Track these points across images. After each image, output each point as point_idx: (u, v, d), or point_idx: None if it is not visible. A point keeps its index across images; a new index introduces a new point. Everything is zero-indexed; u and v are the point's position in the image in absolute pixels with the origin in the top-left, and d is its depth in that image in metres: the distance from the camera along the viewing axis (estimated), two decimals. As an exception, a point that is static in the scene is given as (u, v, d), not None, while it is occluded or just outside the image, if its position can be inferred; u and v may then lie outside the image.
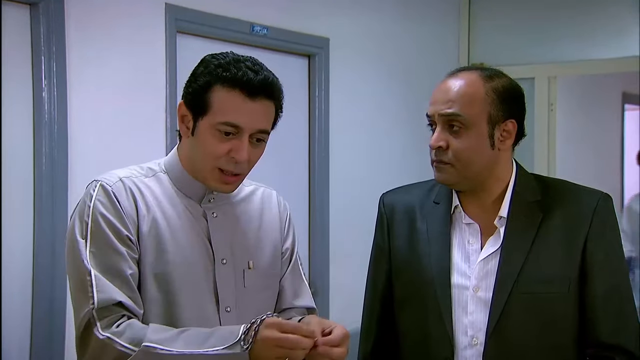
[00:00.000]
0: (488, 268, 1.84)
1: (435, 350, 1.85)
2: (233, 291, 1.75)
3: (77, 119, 2.90)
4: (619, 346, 1.82)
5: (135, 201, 1.70)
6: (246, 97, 1.67)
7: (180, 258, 1.70)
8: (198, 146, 1.71)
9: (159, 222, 1.71)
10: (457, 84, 1.83)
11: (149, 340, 1.56)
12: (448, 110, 1.81)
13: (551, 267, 1.82)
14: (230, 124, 1.66)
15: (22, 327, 2.81)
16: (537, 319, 1.81)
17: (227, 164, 1.69)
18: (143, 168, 1.80)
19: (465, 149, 1.81)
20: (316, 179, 3.99)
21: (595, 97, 5.99)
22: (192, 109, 1.71)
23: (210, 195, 1.78)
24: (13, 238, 2.75)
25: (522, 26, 4.88)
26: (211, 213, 1.77)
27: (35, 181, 2.82)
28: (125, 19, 3.09)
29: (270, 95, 1.71)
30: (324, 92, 3.99)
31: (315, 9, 3.97)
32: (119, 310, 1.61)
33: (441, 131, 1.82)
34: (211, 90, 1.67)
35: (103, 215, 1.66)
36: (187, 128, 1.73)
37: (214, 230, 1.76)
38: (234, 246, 1.78)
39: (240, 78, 1.66)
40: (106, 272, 1.62)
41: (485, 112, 1.82)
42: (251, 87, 1.66)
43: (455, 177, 1.84)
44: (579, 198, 1.88)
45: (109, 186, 1.69)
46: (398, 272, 1.95)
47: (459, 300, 1.84)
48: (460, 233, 1.89)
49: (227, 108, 1.66)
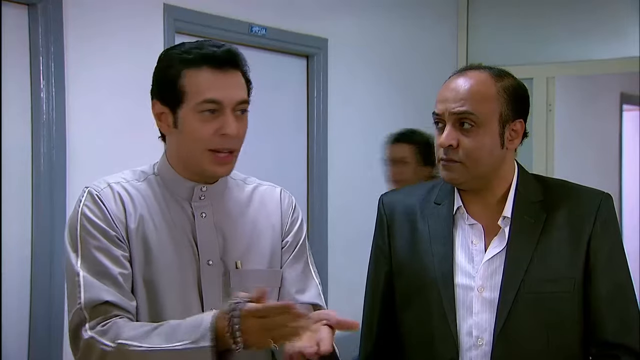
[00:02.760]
0: (493, 268, 1.83)
1: (440, 351, 1.84)
2: (219, 293, 1.73)
3: (75, 119, 2.90)
4: (624, 345, 1.82)
5: (124, 204, 1.70)
6: (215, 71, 1.67)
7: (166, 261, 1.70)
8: (184, 135, 1.70)
9: (146, 226, 1.70)
10: (468, 82, 1.82)
11: (123, 338, 1.57)
12: (460, 108, 1.79)
13: (556, 267, 1.82)
14: (210, 100, 1.66)
15: (20, 326, 2.81)
16: (543, 318, 1.80)
17: (219, 143, 1.68)
18: (135, 172, 1.80)
19: (477, 148, 1.80)
20: (314, 179, 3.99)
21: (593, 98, 5.99)
22: (167, 103, 1.71)
23: (199, 193, 1.76)
24: (11, 238, 2.75)
25: (520, 26, 4.88)
26: (200, 213, 1.75)
27: (34, 181, 2.82)
28: (123, 20, 3.09)
29: (236, 65, 1.70)
30: (322, 92, 3.99)
31: (313, 10, 3.98)
32: (108, 309, 1.61)
33: (452, 129, 1.81)
34: (180, 77, 1.67)
35: (90, 219, 1.67)
36: (168, 125, 1.73)
37: (200, 231, 1.74)
38: (222, 246, 1.76)
39: (205, 54, 1.67)
40: (96, 273, 1.63)
41: (497, 111, 1.81)
42: (217, 60, 1.67)
43: (465, 176, 1.83)
44: (581, 198, 1.88)
45: (96, 192, 1.70)
46: (399, 273, 1.94)
47: (463, 301, 1.84)
48: (463, 234, 1.88)
49: (201, 87, 1.66)
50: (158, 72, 1.73)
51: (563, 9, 4.74)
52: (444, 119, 1.82)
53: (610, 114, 6.34)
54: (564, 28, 4.75)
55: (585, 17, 4.69)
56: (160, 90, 1.72)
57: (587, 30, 4.69)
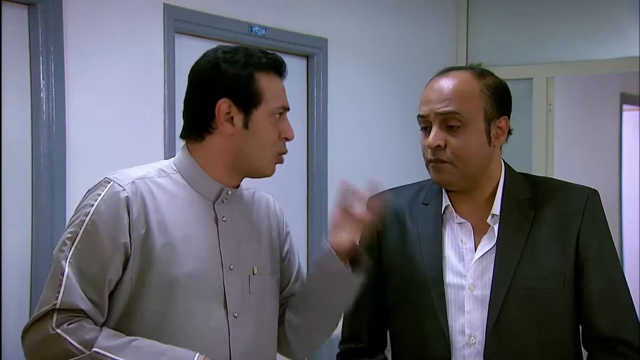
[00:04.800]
0: (483, 266, 1.84)
1: (433, 350, 1.85)
2: (240, 297, 1.73)
3: (75, 119, 2.90)
4: (619, 338, 1.83)
5: (145, 207, 1.66)
6: (279, 79, 1.77)
7: (192, 265, 1.67)
8: (256, 137, 1.73)
9: (170, 230, 1.67)
10: (451, 82, 1.84)
11: (99, 346, 1.55)
12: (446, 108, 1.81)
13: (546, 263, 1.83)
14: (284, 107, 1.76)
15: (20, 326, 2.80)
16: (534, 314, 1.81)
17: (283, 146, 1.77)
18: (155, 167, 1.76)
19: (465, 147, 1.81)
20: (314, 179, 3.99)
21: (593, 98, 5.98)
22: (242, 103, 1.71)
23: (225, 195, 1.76)
24: (11, 238, 2.75)
25: (520, 26, 4.88)
26: (221, 217, 1.75)
27: (34, 181, 2.82)
28: (123, 19, 3.09)
29: None
30: (322, 93, 3.99)
31: (313, 10, 3.98)
32: (78, 314, 1.60)
33: (438, 130, 1.82)
34: (254, 80, 1.71)
35: (101, 217, 1.63)
36: (234, 125, 1.71)
37: (223, 235, 1.74)
38: (240, 251, 1.76)
39: (274, 62, 1.75)
40: (83, 275, 1.60)
41: (482, 109, 1.83)
42: (281, 69, 1.77)
43: (455, 176, 1.83)
44: (568, 194, 1.90)
45: (119, 190, 1.66)
46: (389, 274, 1.94)
47: (455, 300, 1.84)
48: (452, 233, 1.89)
49: (277, 93, 1.75)
50: (229, 72, 1.71)
51: (563, 9, 4.74)
52: (430, 120, 1.84)
53: (610, 114, 6.33)
54: (564, 28, 4.75)
55: (585, 17, 4.69)
56: (235, 90, 1.71)
57: (587, 30, 4.69)
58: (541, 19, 4.81)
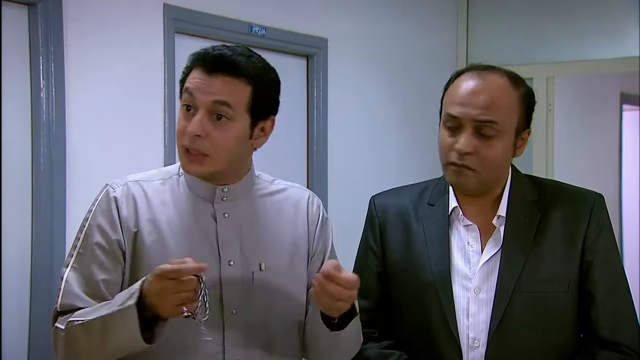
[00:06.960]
0: (489, 269, 1.83)
1: (444, 353, 1.83)
2: (240, 294, 1.72)
3: (75, 119, 2.90)
4: (619, 343, 1.83)
5: (136, 207, 1.70)
6: (204, 72, 1.67)
7: None
8: None
9: (162, 227, 1.70)
10: (490, 89, 1.79)
11: (73, 317, 1.63)
12: (485, 116, 1.76)
13: (551, 266, 1.82)
14: (187, 90, 1.68)
15: (20, 326, 2.81)
16: (538, 317, 1.81)
17: (187, 141, 1.67)
18: (162, 171, 1.81)
19: (495, 157, 1.79)
20: (314, 179, 3.98)
21: (593, 98, 5.98)
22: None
23: (221, 194, 1.75)
24: (11, 239, 2.75)
25: (520, 26, 4.88)
26: (222, 213, 1.74)
27: (34, 181, 2.82)
28: (123, 19, 3.09)
29: (230, 72, 1.67)
30: (322, 93, 3.99)
31: (313, 10, 3.98)
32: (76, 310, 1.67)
33: (471, 136, 1.77)
34: (188, 74, 1.71)
35: (97, 220, 1.70)
36: None
37: (222, 232, 1.73)
38: (244, 247, 1.75)
39: (199, 54, 1.70)
40: (82, 275, 1.67)
41: (516, 121, 1.81)
42: (206, 62, 1.67)
43: (475, 182, 1.81)
44: (574, 198, 1.89)
45: (111, 192, 1.72)
46: (394, 275, 1.92)
47: (460, 303, 1.83)
48: (459, 235, 1.87)
49: (189, 83, 1.69)
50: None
51: (563, 9, 4.74)
52: (462, 122, 1.78)
53: (610, 114, 6.33)
54: (564, 28, 4.75)
55: (586, 17, 4.69)
56: None
57: (587, 30, 4.68)
58: (541, 19, 4.81)
